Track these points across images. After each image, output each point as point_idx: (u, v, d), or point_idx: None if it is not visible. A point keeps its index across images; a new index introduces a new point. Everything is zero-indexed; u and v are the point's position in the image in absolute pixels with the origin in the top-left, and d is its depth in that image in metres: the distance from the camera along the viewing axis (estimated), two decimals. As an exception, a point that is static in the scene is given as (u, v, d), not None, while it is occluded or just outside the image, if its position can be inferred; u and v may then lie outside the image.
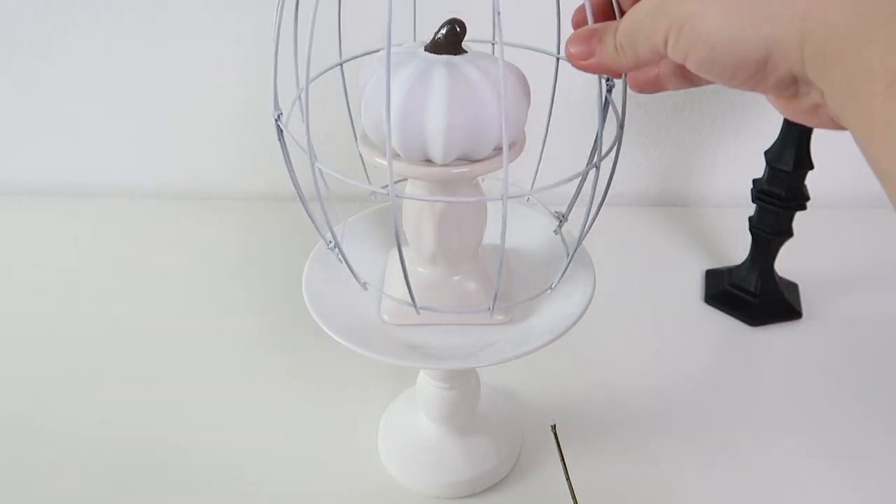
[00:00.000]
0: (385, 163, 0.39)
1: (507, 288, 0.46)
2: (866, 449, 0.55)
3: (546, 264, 0.49)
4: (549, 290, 0.43)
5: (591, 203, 0.39)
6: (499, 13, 0.30)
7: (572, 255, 0.41)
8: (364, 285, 0.43)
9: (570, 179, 0.37)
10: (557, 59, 0.45)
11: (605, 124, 0.37)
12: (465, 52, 0.38)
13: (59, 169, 0.86)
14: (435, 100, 0.36)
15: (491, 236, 0.46)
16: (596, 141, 0.37)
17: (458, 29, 0.37)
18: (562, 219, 0.49)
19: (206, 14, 0.76)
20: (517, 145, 0.40)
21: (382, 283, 0.47)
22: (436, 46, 0.37)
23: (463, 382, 0.48)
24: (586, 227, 0.40)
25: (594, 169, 0.37)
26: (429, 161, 0.38)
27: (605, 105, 0.39)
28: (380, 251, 0.49)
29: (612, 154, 0.39)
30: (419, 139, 0.36)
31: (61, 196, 0.86)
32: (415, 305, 0.40)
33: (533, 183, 0.50)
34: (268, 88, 0.38)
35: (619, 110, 0.38)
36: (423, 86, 0.36)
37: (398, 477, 0.51)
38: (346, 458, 0.54)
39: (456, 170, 0.38)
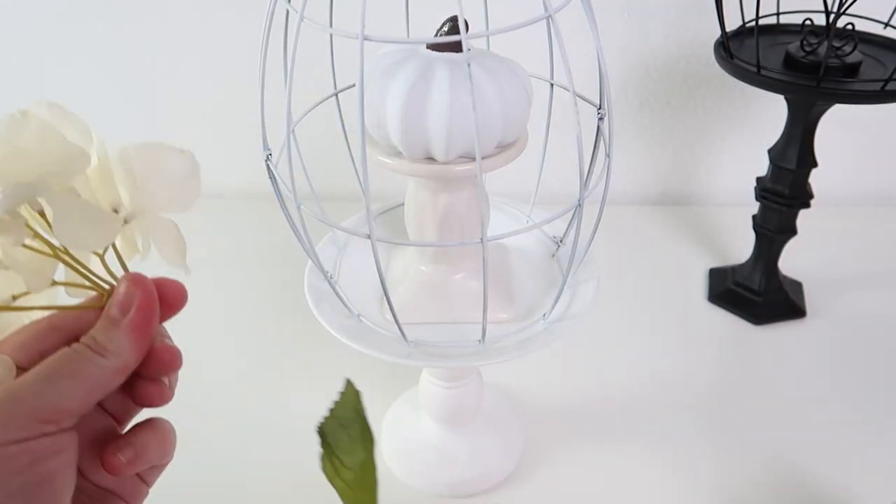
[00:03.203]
0: (388, 160, 0.39)
1: (507, 287, 0.46)
2: (871, 447, 0.54)
3: (547, 262, 0.49)
4: (542, 320, 0.43)
5: (576, 239, 0.39)
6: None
7: (562, 287, 0.41)
8: (358, 317, 0.43)
9: (563, 214, 0.38)
10: (551, 84, 0.45)
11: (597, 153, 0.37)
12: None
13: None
14: (437, 97, 0.35)
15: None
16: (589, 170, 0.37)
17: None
18: (559, 244, 0.49)
19: (207, 13, 0.76)
20: (519, 143, 0.40)
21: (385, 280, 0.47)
22: (438, 44, 0.37)
23: (465, 382, 0.48)
24: (574, 264, 0.40)
25: (588, 199, 0.38)
26: (431, 159, 0.38)
27: (597, 134, 0.39)
28: (382, 250, 0.49)
29: (605, 177, 0.39)
30: (421, 137, 0.36)
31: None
32: (404, 337, 0.40)
33: (532, 203, 0.51)
34: (270, 87, 0.38)
35: (607, 140, 0.38)
36: (425, 83, 0.36)
37: (401, 476, 0.51)
38: (349, 458, 0.53)
39: (458, 167, 0.38)
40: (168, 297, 0.29)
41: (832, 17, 0.51)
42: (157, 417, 0.30)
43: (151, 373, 0.29)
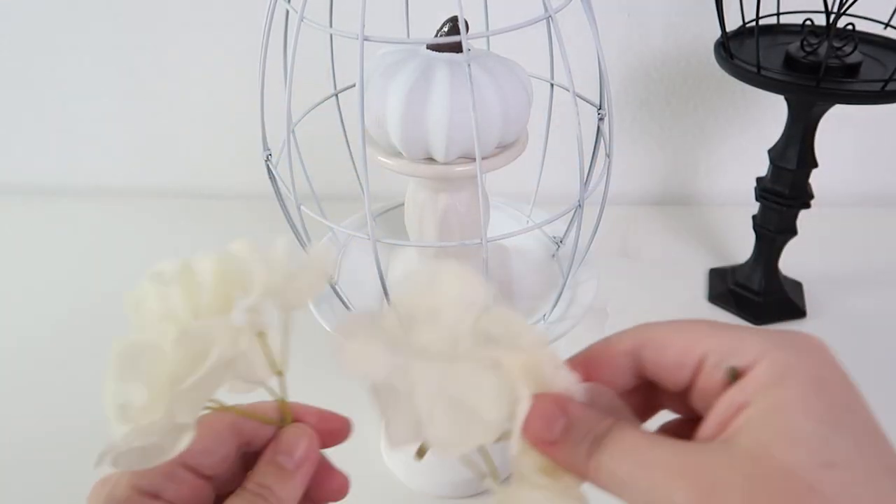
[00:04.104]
0: (388, 161, 0.39)
1: (507, 288, 0.46)
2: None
3: (547, 263, 0.49)
4: (542, 320, 0.43)
5: (576, 240, 0.39)
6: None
7: (563, 288, 0.41)
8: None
9: (563, 214, 0.38)
10: (551, 84, 0.45)
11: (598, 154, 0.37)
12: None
13: (58, 169, 0.86)
14: (437, 97, 0.35)
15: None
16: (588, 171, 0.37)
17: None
18: (559, 244, 0.49)
19: (206, 13, 0.76)
20: (519, 143, 0.40)
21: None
22: (438, 44, 0.37)
23: (466, 382, 0.48)
24: (574, 265, 0.40)
25: (588, 200, 0.38)
26: (431, 159, 0.38)
27: (597, 134, 0.39)
28: (382, 250, 0.49)
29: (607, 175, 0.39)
30: (421, 137, 0.36)
31: (61, 196, 0.86)
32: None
33: (532, 203, 0.51)
34: (270, 87, 0.38)
35: (607, 140, 0.38)
36: (425, 84, 0.36)
37: (402, 476, 0.51)
38: (350, 458, 0.53)
39: (458, 168, 0.38)
40: (333, 433, 0.29)
41: (832, 17, 0.51)
42: None
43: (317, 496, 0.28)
